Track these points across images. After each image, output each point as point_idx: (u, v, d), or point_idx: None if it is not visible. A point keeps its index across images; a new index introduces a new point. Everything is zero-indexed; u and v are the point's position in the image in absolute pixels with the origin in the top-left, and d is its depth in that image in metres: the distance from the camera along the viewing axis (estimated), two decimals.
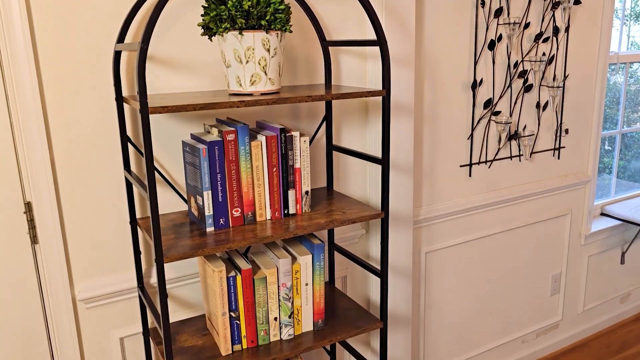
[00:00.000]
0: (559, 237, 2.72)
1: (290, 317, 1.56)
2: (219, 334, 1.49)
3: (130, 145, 1.55)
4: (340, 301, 1.78)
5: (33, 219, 1.46)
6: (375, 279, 2.06)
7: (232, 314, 1.48)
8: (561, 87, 2.45)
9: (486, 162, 2.35)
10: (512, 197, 2.45)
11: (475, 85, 2.21)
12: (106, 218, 1.56)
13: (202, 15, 1.37)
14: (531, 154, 2.49)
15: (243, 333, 1.51)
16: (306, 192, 1.56)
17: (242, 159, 1.44)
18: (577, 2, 2.43)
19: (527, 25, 2.29)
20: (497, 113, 2.31)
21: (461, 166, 2.28)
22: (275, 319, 1.54)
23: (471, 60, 2.18)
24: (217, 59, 1.62)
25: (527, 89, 2.37)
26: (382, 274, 1.63)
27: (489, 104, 2.27)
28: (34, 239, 1.48)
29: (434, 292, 2.35)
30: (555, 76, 2.46)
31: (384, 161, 1.55)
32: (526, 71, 2.34)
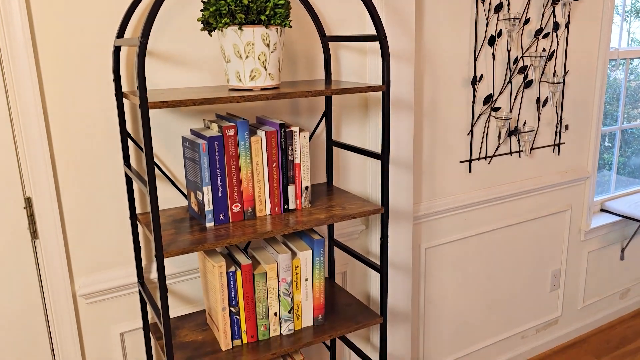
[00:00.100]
0: (558, 233, 2.73)
1: (290, 312, 1.56)
2: (219, 329, 1.50)
3: (130, 140, 1.55)
4: (340, 296, 1.79)
5: (33, 214, 1.47)
6: (375, 274, 2.06)
7: (232, 309, 1.48)
8: (561, 83, 2.44)
9: (486, 158, 2.35)
10: (512, 193, 2.45)
11: (475, 81, 2.20)
12: (106, 213, 1.56)
13: (201, 10, 1.37)
14: (531, 150, 2.49)
15: (243, 328, 1.51)
16: (306, 188, 1.56)
17: (241, 154, 1.44)
18: None
19: (527, 21, 2.29)
20: (497, 109, 2.31)
21: (461, 162, 2.28)
22: (275, 314, 1.55)
23: (471, 55, 2.18)
24: (216, 54, 1.62)
25: (527, 84, 2.37)
26: (381, 270, 1.63)
27: (489, 99, 2.27)
28: (34, 234, 1.48)
29: (434, 288, 2.35)
30: (555, 72, 2.46)
31: (383, 156, 1.55)
32: (526, 67, 2.34)
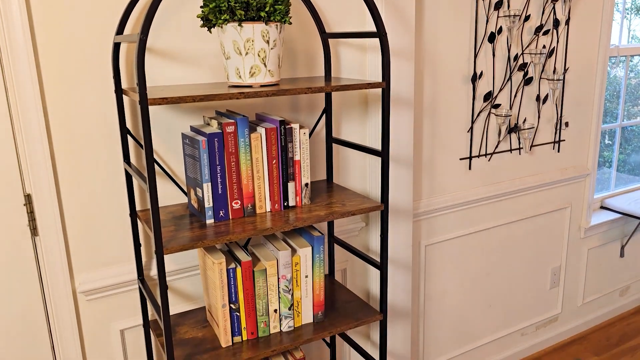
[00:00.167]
0: (558, 230, 2.73)
1: (290, 309, 1.56)
2: (219, 326, 1.50)
3: (130, 137, 1.55)
4: (340, 293, 1.79)
5: (33, 211, 1.47)
6: (375, 271, 2.06)
7: (232, 305, 1.48)
8: (561, 80, 2.44)
9: (486, 155, 2.35)
10: (512, 190, 2.45)
11: (475, 78, 2.20)
12: (106, 210, 1.56)
13: (201, 7, 1.37)
14: (531, 147, 2.49)
15: (243, 325, 1.51)
16: (306, 185, 1.56)
17: (241, 151, 1.44)
18: None
19: (527, 18, 2.29)
20: (497, 106, 2.31)
21: (461, 159, 2.28)
22: (275, 310, 1.55)
23: (471, 52, 2.18)
24: (216, 51, 1.62)
25: (527, 81, 2.36)
26: (381, 267, 1.63)
27: (489, 96, 2.27)
28: (34, 231, 1.48)
29: (434, 285, 2.35)
30: (555, 69, 2.46)
31: (383, 153, 1.55)
32: (526, 64, 2.34)
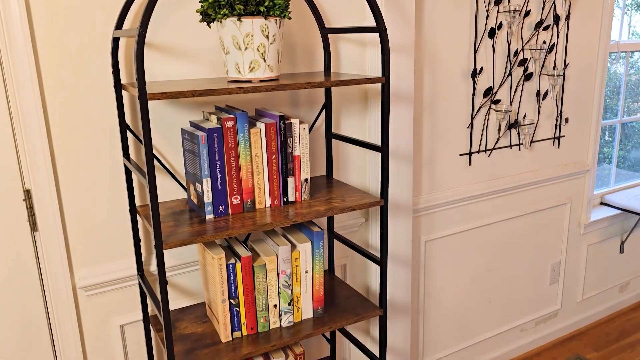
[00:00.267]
0: (558, 226, 2.73)
1: (289, 304, 1.57)
2: (218, 321, 1.50)
3: (129, 132, 1.55)
4: (340, 289, 1.79)
5: (32, 207, 1.46)
6: (375, 267, 2.06)
7: (231, 301, 1.48)
8: (561, 76, 2.44)
9: (486, 150, 2.35)
10: (512, 186, 2.45)
11: (475, 74, 2.20)
12: (106, 206, 1.56)
13: (200, 2, 1.36)
14: (531, 143, 2.49)
15: (243, 320, 1.51)
16: (305, 180, 1.56)
17: (241, 146, 1.43)
18: None
19: (527, 13, 2.28)
20: (497, 101, 2.31)
21: (461, 155, 2.28)
22: (275, 306, 1.55)
23: (471, 48, 2.17)
24: (215, 46, 1.61)
25: (527, 77, 2.36)
26: (381, 262, 1.63)
27: (489, 92, 2.26)
28: (33, 226, 1.48)
29: (434, 281, 2.35)
30: (555, 65, 2.46)
31: (383, 149, 1.54)
32: (526, 59, 2.33)
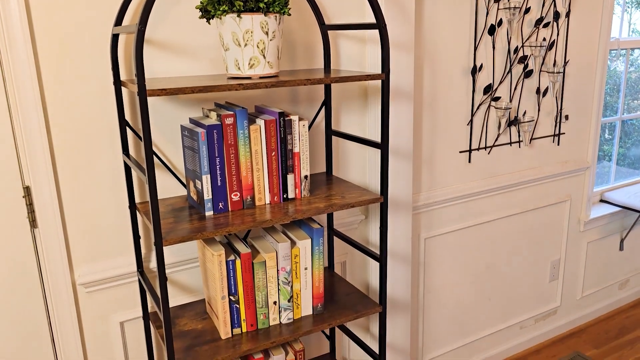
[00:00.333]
0: (558, 224, 2.73)
1: (289, 301, 1.57)
2: (218, 318, 1.50)
3: (129, 129, 1.55)
4: (340, 286, 1.79)
5: (32, 203, 1.46)
6: (375, 264, 2.06)
7: (231, 297, 1.49)
8: (561, 73, 2.44)
9: (486, 148, 2.35)
10: (512, 183, 2.45)
11: (475, 71, 2.20)
12: (105, 202, 1.56)
13: None
14: (531, 140, 2.49)
15: (242, 317, 1.52)
16: (305, 177, 1.55)
17: (240, 143, 1.43)
18: None
19: (527, 10, 2.28)
20: (497, 99, 2.31)
21: (461, 152, 2.28)
22: (275, 302, 1.55)
23: (471, 45, 2.17)
24: (215, 43, 1.61)
25: (527, 74, 2.36)
26: (381, 259, 1.63)
27: (488, 89, 2.26)
28: (33, 223, 1.48)
29: (433, 278, 2.36)
30: (555, 62, 2.45)
31: (383, 146, 1.54)
32: (526, 56, 2.33)
